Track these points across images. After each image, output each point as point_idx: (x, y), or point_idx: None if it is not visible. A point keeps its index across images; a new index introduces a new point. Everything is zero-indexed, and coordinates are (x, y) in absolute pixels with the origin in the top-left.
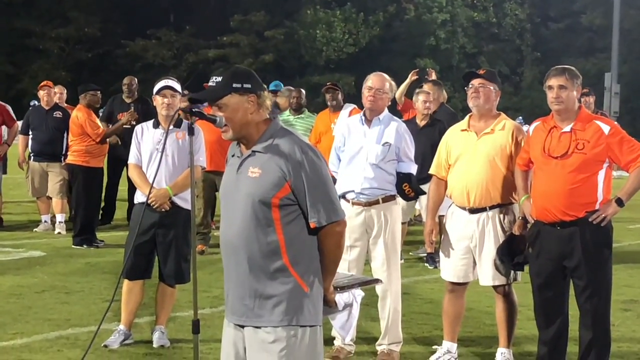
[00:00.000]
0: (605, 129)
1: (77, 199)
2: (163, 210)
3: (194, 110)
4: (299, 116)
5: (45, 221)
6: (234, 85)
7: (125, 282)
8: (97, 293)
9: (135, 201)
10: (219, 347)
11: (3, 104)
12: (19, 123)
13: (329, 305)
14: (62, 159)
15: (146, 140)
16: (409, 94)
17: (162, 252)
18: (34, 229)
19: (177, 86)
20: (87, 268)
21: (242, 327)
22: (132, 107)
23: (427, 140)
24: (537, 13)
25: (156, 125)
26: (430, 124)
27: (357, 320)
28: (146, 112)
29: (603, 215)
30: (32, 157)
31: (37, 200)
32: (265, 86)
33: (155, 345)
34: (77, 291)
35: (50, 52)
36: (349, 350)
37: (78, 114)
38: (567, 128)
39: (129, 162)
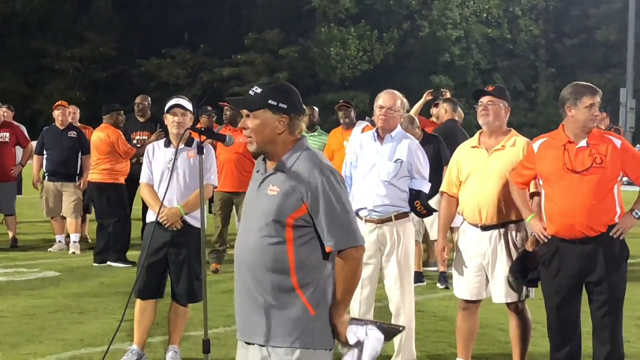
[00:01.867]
0: (618, 143)
1: (114, 216)
2: (174, 229)
3: (202, 129)
4: (312, 134)
5: (59, 241)
6: (270, 101)
7: (138, 301)
8: (110, 313)
9: (147, 220)
10: None
11: (17, 124)
12: (33, 143)
13: (339, 339)
14: (77, 178)
15: (157, 159)
16: (424, 112)
17: (175, 271)
18: (49, 249)
19: (188, 105)
20: (101, 288)
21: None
22: (159, 127)
23: None
24: (551, 29)
25: (167, 144)
26: (425, 142)
27: None
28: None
29: (623, 228)
30: (46, 177)
31: (51, 220)
32: (305, 108)
33: None
34: (91, 311)
35: (66, 72)
36: None
37: (108, 133)
38: (583, 143)
39: (140, 181)
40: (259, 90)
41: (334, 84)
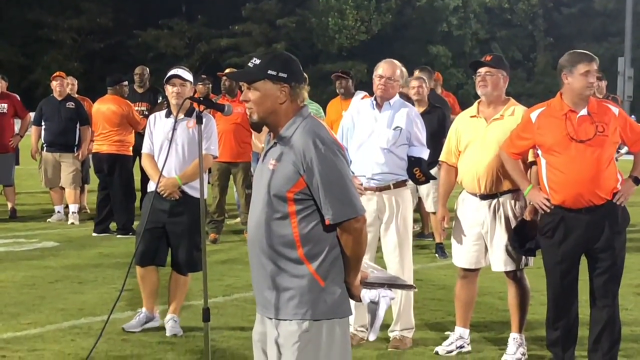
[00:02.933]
0: (615, 111)
1: (124, 187)
2: (172, 199)
3: (201, 98)
4: None
5: (58, 211)
6: (269, 71)
7: (137, 268)
8: (110, 282)
9: (148, 190)
10: (232, 335)
11: (14, 94)
12: (31, 114)
13: (354, 300)
14: (75, 149)
15: (158, 129)
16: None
17: (174, 240)
18: (47, 220)
19: (187, 75)
20: (100, 258)
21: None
22: (161, 98)
23: (427, 127)
24: None
25: (168, 114)
26: (429, 111)
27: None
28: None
29: (625, 195)
30: (45, 148)
31: (50, 190)
32: (306, 77)
33: (168, 334)
34: (90, 281)
35: (63, 42)
36: (362, 337)
37: (120, 105)
38: (584, 112)
39: (142, 151)
40: (258, 62)
41: (332, 54)
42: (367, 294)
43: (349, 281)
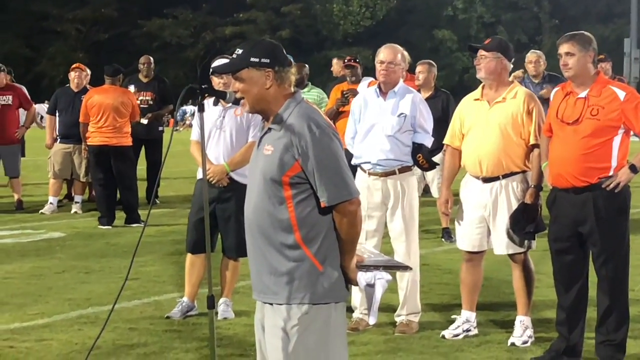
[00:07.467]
0: (621, 94)
1: (134, 177)
2: (221, 185)
3: (203, 86)
4: (302, 91)
5: (51, 203)
6: (252, 59)
7: (188, 255)
8: (116, 272)
9: (197, 177)
10: (238, 322)
11: (19, 86)
12: (36, 106)
13: (351, 284)
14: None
15: (206, 117)
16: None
17: (223, 226)
18: (40, 211)
19: None
20: (107, 248)
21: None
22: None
23: (431, 112)
24: None
25: (216, 102)
26: (433, 97)
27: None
28: (163, 92)
29: (617, 181)
30: (58, 140)
31: (51, 180)
32: (291, 60)
33: (219, 317)
34: (97, 271)
35: (68, 34)
36: (368, 322)
37: (130, 97)
38: (583, 94)
39: (191, 138)
40: (240, 52)
41: (337, 41)
42: (362, 277)
43: (344, 264)
